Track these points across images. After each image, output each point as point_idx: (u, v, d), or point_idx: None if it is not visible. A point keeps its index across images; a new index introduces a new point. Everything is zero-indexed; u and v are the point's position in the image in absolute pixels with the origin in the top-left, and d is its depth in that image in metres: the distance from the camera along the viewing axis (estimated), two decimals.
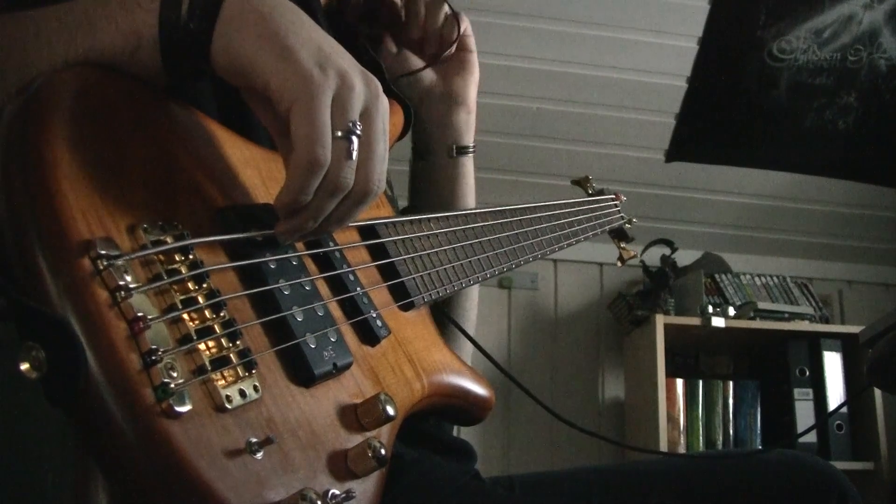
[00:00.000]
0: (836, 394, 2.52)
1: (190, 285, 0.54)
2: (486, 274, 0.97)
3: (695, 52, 2.49)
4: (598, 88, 2.56)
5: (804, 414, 2.50)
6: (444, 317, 1.04)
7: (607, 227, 1.36)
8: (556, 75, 2.53)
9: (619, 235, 1.44)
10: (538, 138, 2.69)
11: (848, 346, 2.57)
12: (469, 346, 1.07)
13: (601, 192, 1.41)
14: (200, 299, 0.54)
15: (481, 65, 1.10)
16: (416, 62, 1.07)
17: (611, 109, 2.63)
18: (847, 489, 0.91)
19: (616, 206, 1.42)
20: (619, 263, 1.44)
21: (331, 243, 0.71)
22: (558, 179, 2.71)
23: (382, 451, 0.60)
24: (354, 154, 0.58)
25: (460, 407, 0.86)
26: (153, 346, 0.48)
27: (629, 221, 1.45)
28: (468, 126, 1.09)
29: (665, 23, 2.43)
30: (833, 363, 2.56)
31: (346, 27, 1.05)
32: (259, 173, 0.68)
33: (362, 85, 0.59)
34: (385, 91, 0.63)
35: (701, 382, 2.59)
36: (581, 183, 1.42)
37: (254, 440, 0.52)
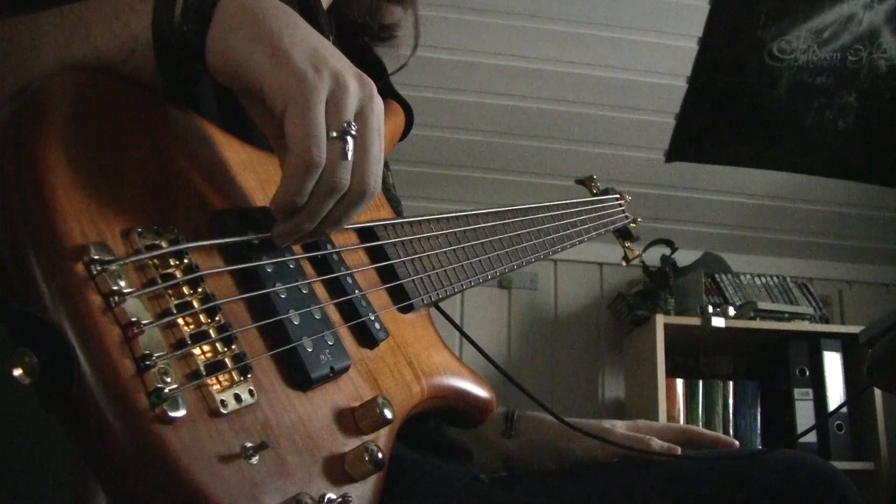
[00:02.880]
0: (836, 394, 2.52)
1: (185, 290, 0.53)
2: (487, 275, 0.96)
3: (695, 52, 2.49)
4: (598, 88, 2.56)
5: (804, 414, 2.49)
6: (445, 318, 1.04)
7: (612, 227, 1.36)
8: (556, 75, 2.52)
9: (623, 235, 1.44)
10: (538, 138, 2.69)
11: (848, 346, 2.57)
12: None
13: (606, 192, 1.41)
14: (195, 303, 0.53)
15: (482, 65, 1.10)
16: None
17: (611, 109, 2.63)
18: (847, 489, 0.91)
19: (621, 205, 1.42)
20: (623, 263, 1.44)
21: (328, 246, 0.71)
22: (558, 179, 2.71)
23: (380, 455, 0.59)
24: (350, 154, 0.58)
25: (461, 409, 0.85)
26: (147, 351, 0.48)
27: (634, 221, 1.44)
28: None
29: (665, 23, 2.42)
30: (833, 363, 2.55)
31: (348, 27, 1.05)
32: (256, 176, 0.68)
33: (356, 85, 0.59)
34: (386, 91, 0.63)
35: (701, 382, 2.59)
36: (585, 182, 1.42)
37: (249, 445, 0.51)
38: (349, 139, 0.57)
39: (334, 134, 0.57)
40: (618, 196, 1.42)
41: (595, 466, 1.03)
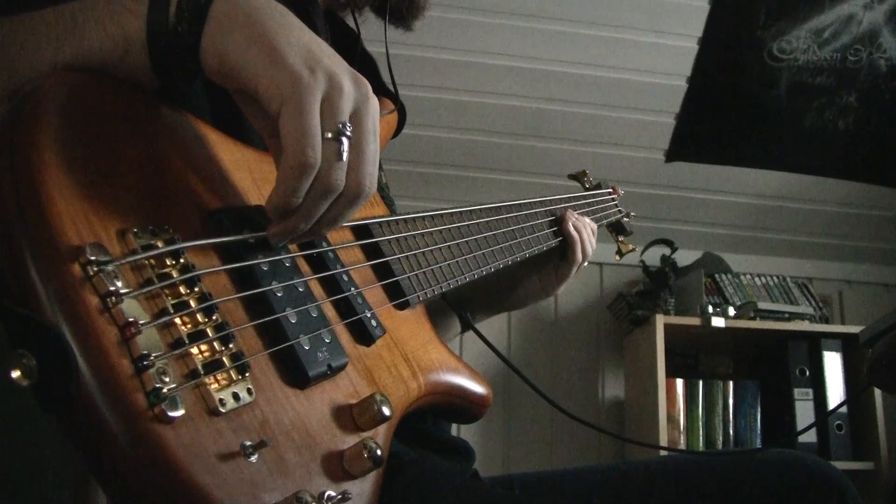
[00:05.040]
0: (836, 394, 2.51)
1: (181, 289, 0.54)
2: (482, 271, 0.97)
3: (695, 52, 2.49)
4: (598, 88, 2.56)
5: (804, 414, 2.49)
6: (453, 309, 1.04)
7: (605, 221, 1.36)
8: (556, 75, 2.52)
9: (617, 229, 1.44)
10: (538, 138, 2.69)
11: (848, 346, 2.57)
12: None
13: (598, 186, 1.41)
14: (192, 303, 0.53)
15: (482, 65, 1.10)
16: None
17: (611, 109, 2.63)
18: (847, 489, 0.91)
19: (613, 199, 1.42)
20: (617, 257, 1.44)
21: (324, 244, 0.71)
22: (558, 179, 2.70)
23: (378, 452, 0.60)
24: (345, 155, 0.58)
25: (458, 405, 0.86)
26: (145, 351, 0.48)
27: (627, 215, 1.44)
28: None
29: (665, 23, 2.42)
30: (833, 363, 2.55)
31: (342, 24, 1.05)
32: (251, 175, 0.68)
33: (352, 86, 0.59)
34: (380, 89, 0.63)
35: (701, 382, 2.59)
36: (578, 177, 1.42)
37: (248, 443, 0.52)
38: (344, 140, 0.58)
39: (329, 135, 0.57)
40: (610, 190, 1.42)
41: (596, 467, 1.03)
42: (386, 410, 0.63)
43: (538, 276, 1.18)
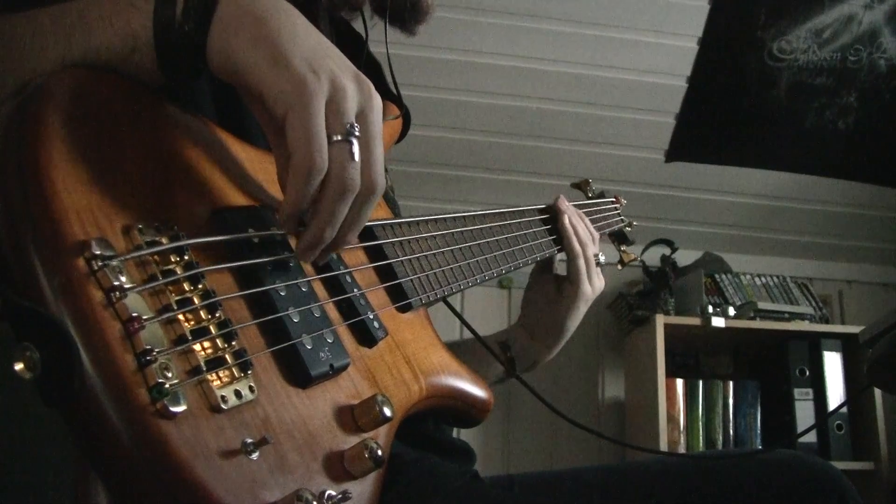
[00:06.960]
0: (836, 394, 2.52)
1: (185, 286, 0.54)
2: (484, 276, 0.97)
3: (695, 52, 2.49)
4: (598, 88, 2.56)
5: (804, 414, 2.50)
6: (452, 312, 1.04)
7: (607, 230, 1.36)
8: (556, 75, 2.52)
9: (619, 238, 1.44)
10: (538, 138, 2.69)
11: (848, 346, 2.57)
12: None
13: (601, 195, 1.41)
14: (195, 300, 0.54)
15: (482, 65, 1.09)
16: None
17: (611, 109, 2.63)
18: (847, 489, 0.91)
19: (616, 208, 1.42)
20: (619, 266, 1.44)
21: None
22: (558, 179, 2.71)
23: (379, 453, 0.60)
24: (357, 155, 0.58)
25: (459, 408, 0.86)
26: (148, 347, 0.48)
27: (629, 224, 1.44)
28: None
29: (665, 23, 2.42)
30: (833, 363, 2.55)
31: (347, 27, 1.05)
32: (256, 175, 0.68)
33: (354, 86, 0.59)
34: (384, 93, 0.63)
35: (701, 382, 2.59)
36: (581, 186, 1.42)
37: (249, 441, 0.52)
38: (354, 140, 0.58)
39: (339, 137, 0.57)
40: (613, 199, 1.42)
41: (596, 467, 1.03)
42: (387, 412, 0.63)
43: (557, 285, 1.18)
